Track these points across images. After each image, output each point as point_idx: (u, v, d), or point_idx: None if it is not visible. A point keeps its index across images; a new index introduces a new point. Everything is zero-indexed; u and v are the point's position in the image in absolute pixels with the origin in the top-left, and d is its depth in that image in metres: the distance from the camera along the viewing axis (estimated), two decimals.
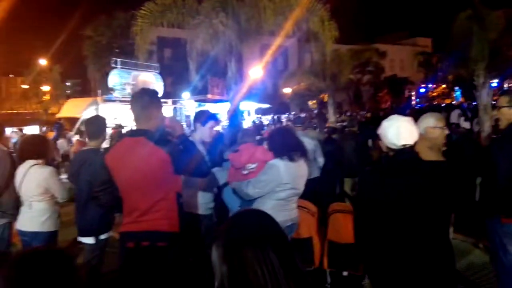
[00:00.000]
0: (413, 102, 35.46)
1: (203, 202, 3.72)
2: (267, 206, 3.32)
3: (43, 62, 27.57)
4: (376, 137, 2.64)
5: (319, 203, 4.33)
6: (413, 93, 37.83)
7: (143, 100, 2.63)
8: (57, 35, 26.53)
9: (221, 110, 18.97)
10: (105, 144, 4.22)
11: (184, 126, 10.36)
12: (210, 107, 18.42)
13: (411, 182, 2.30)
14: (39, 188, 3.72)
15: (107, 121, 4.23)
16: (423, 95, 36.66)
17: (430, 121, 3.29)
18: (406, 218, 2.26)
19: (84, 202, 3.56)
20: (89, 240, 3.62)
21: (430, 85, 35.51)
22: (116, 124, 13.56)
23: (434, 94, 37.11)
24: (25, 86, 28.00)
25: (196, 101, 21.95)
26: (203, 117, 3.83)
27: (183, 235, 2.61)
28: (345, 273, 3.94)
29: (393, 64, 43.03)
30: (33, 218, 3.73)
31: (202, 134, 3.78)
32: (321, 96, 26.78)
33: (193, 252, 3.32)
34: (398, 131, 2.40)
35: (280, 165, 3.40)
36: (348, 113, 23.97)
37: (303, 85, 26.82)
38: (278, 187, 3.42)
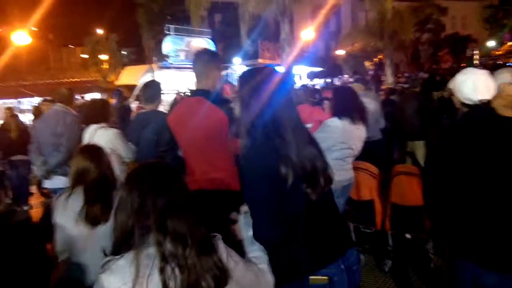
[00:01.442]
0: (476, 62, 33.10)
1: None
2: None
3: (100, 31, 28.52)
4: None
5: (380, 165, 4.21)
6: (476, 51, 35.26)
7: (204, 59, 2.63)
8: (112, 5, 27.09)
9: None
10: (161, 108, 4.29)
11: None
12: None
13: (494, 140, 2.10)
14: (105, 150, 3.88)
15: (163, 87, 4.28)
16: (487, 54, 34.06)
17: (506, 77, 3.03)
18: (490, 180, 2.02)
19: (142, 161, 3.69)
20: None
21: (494, 43, 32.81)
22: (178, 90, 13.83)
23: (499, 52, 34.32)
24: (84, 56, 29.17)
25: (247, 66, 21.87)
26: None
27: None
28: (408, 236, 3.84)
29: (455, 21, 40.07)
30: None
31: None
32: (378, 57, 25.68)
33: None
34: (474, 85, 2.23)
35: (338, 123, 3.37)
36: (406, 74, 22.85)
37: (357, 46, 25.81)
38: (334, 146, 3.37)
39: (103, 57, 26.32)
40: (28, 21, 19.35)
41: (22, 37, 17.45)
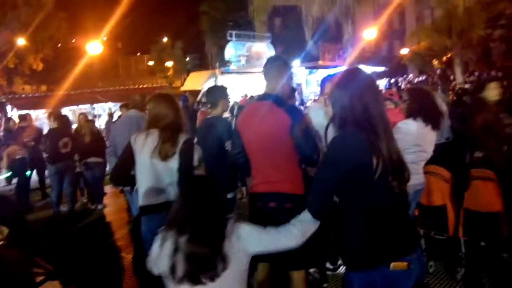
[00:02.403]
0: None
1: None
2: None
3: (165, 39, 29.86)
4: None
5: (451, 168, 4.01)
6: None
7: (275, 64, 2.71)
8: (177, 14, 28.25)
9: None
10: (227, 114, 4.39)
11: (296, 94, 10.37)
12: (322, 74, 18.15)
13: None
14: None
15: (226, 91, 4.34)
16: None
17: None
18: None
19: (212, 165, 3.80)
20: None
21: None
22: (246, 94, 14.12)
23: None
24: (151, 63, 30.66)
25: (307, 68, 21.74)
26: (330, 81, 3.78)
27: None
28: (482, 243, 3.63)
29: None
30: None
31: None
32: (446, 55, 24.40)
33: None
34: None
35: (413, 125, 3.26)
36: (476, 73, 21.51)
37: (423, 45, 24.69)
38: (409, 148, 3.26)
39: (169, 63, 27.46)
40: (100, 31, 20.73)
41: (95, 47, 18.73)
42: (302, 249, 2.58)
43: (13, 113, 13.38)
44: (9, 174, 6.22)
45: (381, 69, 24.93)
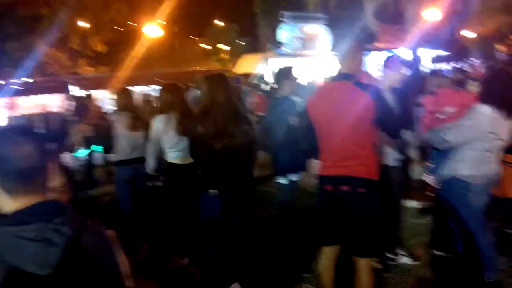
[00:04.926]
0: None
1: (391, 152, 3.61)
2: (467, 157, 3.04)
3: (219, 23, 30.07)
4: None
5: None
6: None
7: (351, 44, 2.65)
8: None
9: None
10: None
11: None
12: (378, 56, 17.56)
13: None
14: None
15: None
16: None
17: None
18: None
19: (278, 145, 3.84)
20: (282, 180, 3.92)
21: None
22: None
23: None
24: (206, 46, 31.05)
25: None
26: (394, 62, 3.65)
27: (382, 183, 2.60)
28: None
29: None
30: None
31: (391, 80, 3.60)
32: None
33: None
34: None
35: (488, 111, 3.06)
36: None
37: (489, 27, 23.15)
38: (482, 135, 3.09)
39: (223, 47, 27.69)
40: (158, 15, 21.23)
41: (154, 30, 19.25)
42: (373, 236, 2.56)
43: (78, 93, 14.12)
44: (82, 150, 6.62)
45: (443, 52, 23.66)
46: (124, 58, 19.82)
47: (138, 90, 14.47)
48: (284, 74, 4.01)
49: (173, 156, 3.75)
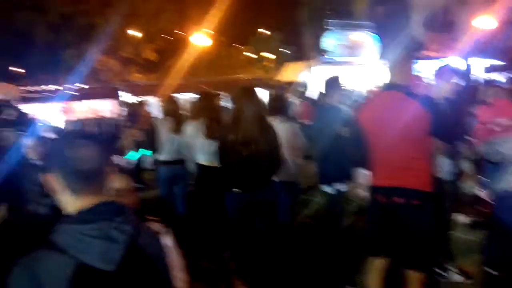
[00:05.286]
0: None
1: (445, 165, 3.52)
2: None
3: (263, 31, 30.37)
4: None
5: None
6: None
7: (400, 53, 2.63)
8: (275, 5, 28.50)
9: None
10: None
11: None
12: (425, 65, 17.08)
13: None
14: (284, 142, 4.16)
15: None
16: None
17: None
18: None
19: (325, 154, 3.85)
20: (328, 189, 3.91)
21: None
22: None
23: None
24: (250, 54, 31.39)
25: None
26: (446, 72, 3.57)
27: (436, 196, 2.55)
28: None
29: None
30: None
31: (443, 90, 3.53)
32: None
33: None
34: None
35: None
36: None
37: None
38: None
39: (267, 55, 27.91)
40: (205, 24, 21.77)
41: (201, 39, 19.74)
42: (426, 249, 2.52)
43: (129, 99, 14.73)
44: (132, 154, 6.90)
45: (497, 62, 22.60)
46: (172, 65, 20.43)
47: (185, 97, 14.88)
48: (331, 83, 4.02)
49: (202, 158, 4.12)
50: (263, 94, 11.75)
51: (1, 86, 15.20)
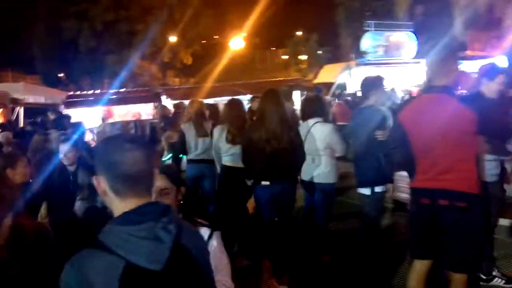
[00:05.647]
0: None
1: (489, 167, 3.37)
2: None
3: (299, 33, 30.32)
4: None
5: None
6: None
7: (442, 53, 2.55)
8: (312, 7, 28.40)
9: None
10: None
11: None
12: (469, 65, 16.46)
13: None
14: (321, 143, 4.12)
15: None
16: None
17: None
18: None
19: (362, 156, 3.77)
20: (365, 191, 3.83)
21: None
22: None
23: None
24: (285, 57, 31.44)
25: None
26: (492, 71, 3.43)
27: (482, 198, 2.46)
28: None
29: None
30: (316, 171, 4.16)
31: (489, 90, 3.39)
32: None
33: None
34: None
35: None
36: None
37: None
38: None
39: (303, 57, 27.83)
40: (240, 28, 22.00)
41: (237, 42, 19.98)
42: (471, 252, 2.43)
43: (167, 102, 15.07)
44: (169, 156, 7.02)
45: None
46: (209, 69, 20.78)
47: (221, 100, 15.05)
48: (371, 83, 3.93)
49: (226, 159, 4.47)
50: (299, 96, 11.71)
51: (48, 91, 16.02)
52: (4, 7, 22.41)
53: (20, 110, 12.78)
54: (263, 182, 3.72)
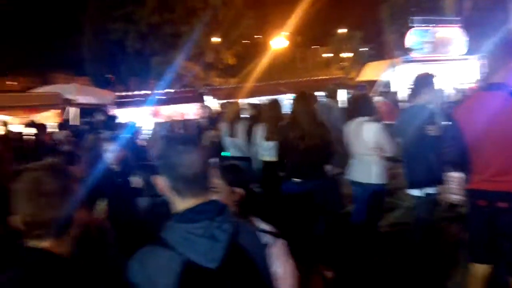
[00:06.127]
0: None
1: None
2: None
3: (342, 31, 29.87)
4: None
5: None
6: None
7: (498, 49, 2.45)
8: (355, 4, 27.89)
9: None
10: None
11: None
12: None
13: None
14: (370, 143, 4.06)
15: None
16: None
17: None
18: None
19: (412, 156, 3.68)
20: (416, 193, 3.73)
21: None
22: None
23: None
24: (327, 55, 31.07)
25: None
26: None
27: None
28: None
29: None
30: (365, 171, 4.12)
31: None
32: None
33: None
34: None
35: None
36: None
37: None
38: None
39: (345, 55, 27.40)
40: (282, 27, 21.97)
41: (279, 42, 19.97)
42: None
43: (211, 102, 15.32)
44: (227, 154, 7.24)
45: None
46: (250, 69, 20.88)
47: (263, 99, 15.10)
48: (422, 81, 3.82)
49: (264, 154, 4.93)
50: (345, 94, 11.57)
51: (98, 91, 16.69)
52: (55, 11, 23.61)
53: (72, 110, 13.41)
54: (294, 180, 4.08)
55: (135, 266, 1.27)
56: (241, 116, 5.96)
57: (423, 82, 3.83)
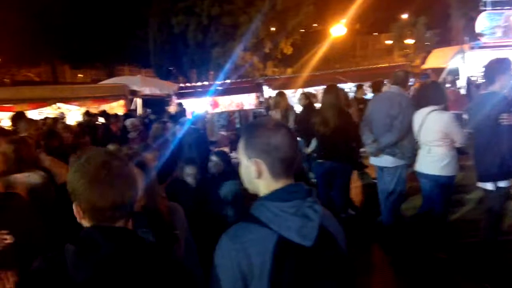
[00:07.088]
0: None
1: None
2: None
3: (405, 16, 28.56)
4: None
5: None
6: None
7: None
8: None
9: None
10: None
11: None
12: None
13: None
14: (438, 133, 3.89)
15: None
16: None
17: None
18: None
19: (484, 147, 3.49)
20: (487, 186, 3.55)
21: None
22: None
23: None
24: (389, 42, 29.88)
25: None
26: None
27: None
28: None
29: None
30: (433, 162, 3.95)
31: None
32: None
33: None
34: None
35: None
36: None
37: None
38: None
39: (409, 41, 26.25)
40: (341, 14, 21.43)
41: (338, 30, 19.54)
42: None
43: (269, 92, 15.40)
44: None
45: None
46: (307, 58, 20.64)
47: (320, 89, 14.92)
48: (498, 67, 3.58)
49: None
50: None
51: (161, 83, 17.35)
52: (122, 8, 24.75)
53: (137, 101, 14.09)
54: (318, 160, 4.94)
55: (228, 242, 1.28)
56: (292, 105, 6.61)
57: (499, 67, 3.60)
